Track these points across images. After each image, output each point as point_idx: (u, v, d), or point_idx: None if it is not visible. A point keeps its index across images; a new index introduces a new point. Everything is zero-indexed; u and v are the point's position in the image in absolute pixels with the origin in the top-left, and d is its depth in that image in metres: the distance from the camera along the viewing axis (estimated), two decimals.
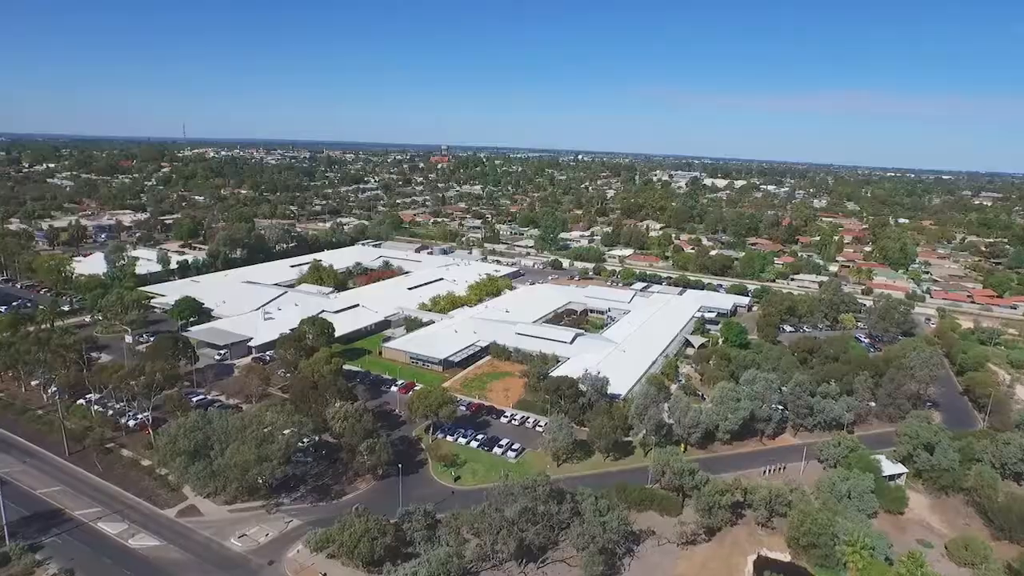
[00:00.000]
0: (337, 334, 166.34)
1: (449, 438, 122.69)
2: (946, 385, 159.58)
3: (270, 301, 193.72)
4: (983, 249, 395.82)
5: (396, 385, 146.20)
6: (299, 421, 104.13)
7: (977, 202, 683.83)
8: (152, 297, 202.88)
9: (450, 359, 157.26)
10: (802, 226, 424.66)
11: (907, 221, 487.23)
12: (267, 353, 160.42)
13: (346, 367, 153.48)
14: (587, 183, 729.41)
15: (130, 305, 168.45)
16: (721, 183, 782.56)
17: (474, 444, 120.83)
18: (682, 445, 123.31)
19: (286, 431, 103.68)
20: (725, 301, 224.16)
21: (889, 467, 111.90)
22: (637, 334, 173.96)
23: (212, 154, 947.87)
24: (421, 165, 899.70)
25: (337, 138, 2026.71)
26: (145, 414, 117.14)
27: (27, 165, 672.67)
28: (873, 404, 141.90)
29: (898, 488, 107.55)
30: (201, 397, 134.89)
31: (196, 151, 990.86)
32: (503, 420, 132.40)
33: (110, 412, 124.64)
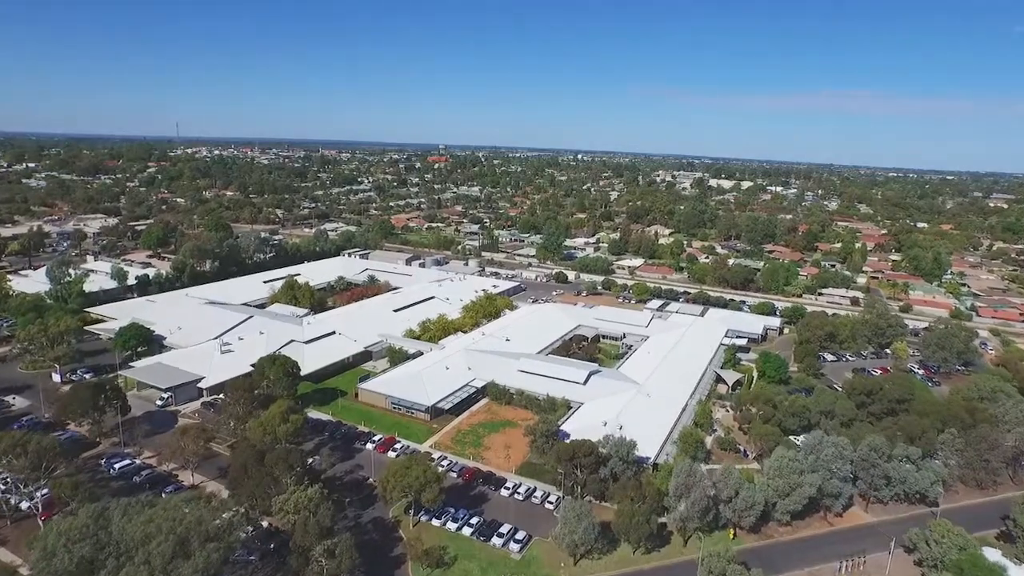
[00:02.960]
0: (307, 371, 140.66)
1: (435, 521, 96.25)
2: None
3: (232, 328, 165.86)
4: (1015, 256, 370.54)
5: (372, 441, 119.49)
6: (231, 522, 77.22)
7: (992, 204, 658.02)
8: (101, 320, 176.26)
9: (439, 405, 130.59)
10: (819, 232, 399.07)
11: (926, 225, 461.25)
12: (221, 396, 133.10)
13: (313, 415, 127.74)
14: (589, 184, 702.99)
15: (57, 337, 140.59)
16: (727, 184, 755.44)
17: (467, 531, 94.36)
18: (730, 530, 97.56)
19: (219, 520, 77.48)
20: (754, 323, 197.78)
21: (1014, 571, 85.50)
22: (661, 370, 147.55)
23: (205, 153, 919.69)
24: (418, 165, 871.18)
25: (335, 137, 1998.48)
26: (35, 499, 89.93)
27: (5, 165, 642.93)
28: (953, 462, 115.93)
29: None
30: (127, 462, 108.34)
31: (188, 150, 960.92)
32: (504, 492, 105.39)
33: (2, 487, 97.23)
